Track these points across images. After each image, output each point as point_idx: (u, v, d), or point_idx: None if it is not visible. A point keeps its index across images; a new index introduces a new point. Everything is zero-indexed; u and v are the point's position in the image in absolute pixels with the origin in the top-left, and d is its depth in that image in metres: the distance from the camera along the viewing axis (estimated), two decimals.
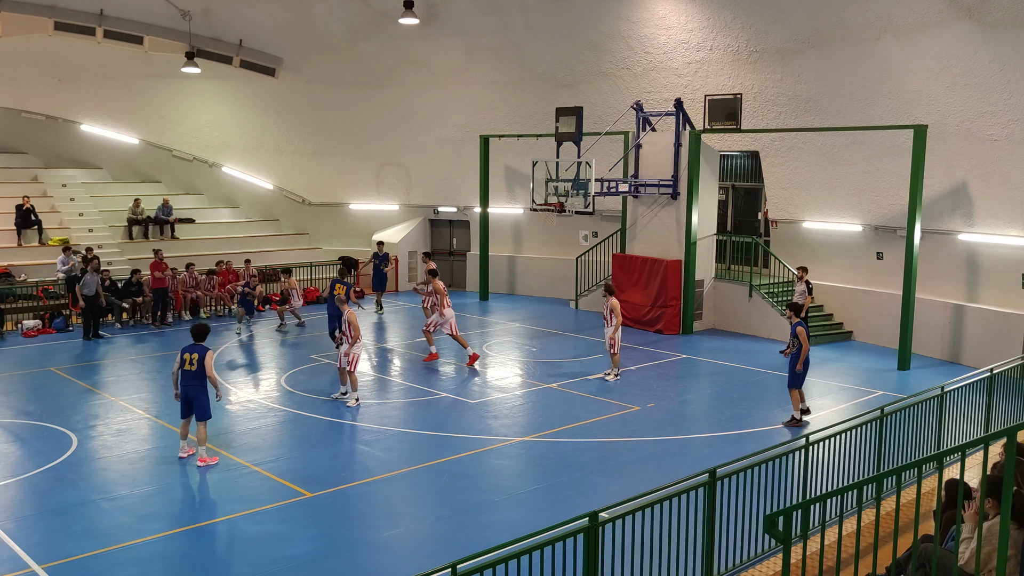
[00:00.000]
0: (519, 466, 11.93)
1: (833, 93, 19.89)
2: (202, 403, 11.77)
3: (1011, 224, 17.52)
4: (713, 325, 21.74)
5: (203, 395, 11.76)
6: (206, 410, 11.84)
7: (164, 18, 24.39)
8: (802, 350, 13.44)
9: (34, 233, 24.09)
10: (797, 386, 13.65)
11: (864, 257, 20.40)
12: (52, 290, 21.80)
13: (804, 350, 13.42)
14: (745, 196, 24.23)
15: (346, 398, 14.70)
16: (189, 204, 28.72)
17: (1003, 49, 16.58)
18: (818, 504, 6.52)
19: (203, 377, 11.73)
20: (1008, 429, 4.98)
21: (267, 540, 9.41)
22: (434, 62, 25.66)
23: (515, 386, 16.19)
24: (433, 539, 9.66)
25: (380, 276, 24.34)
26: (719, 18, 20.93)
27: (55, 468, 11.53)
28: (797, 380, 13.62)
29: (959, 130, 17.82)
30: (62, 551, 9.06)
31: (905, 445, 10.08)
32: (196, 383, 11.71)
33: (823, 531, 6.45)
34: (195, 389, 11.72)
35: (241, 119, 28.47)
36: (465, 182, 26.86)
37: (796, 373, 13.56)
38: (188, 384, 11.72)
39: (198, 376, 11.70)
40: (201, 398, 11.75)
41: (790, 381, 13.69)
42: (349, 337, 14.50)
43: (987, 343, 17.35)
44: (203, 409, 11.80)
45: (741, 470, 7.91)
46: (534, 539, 6.11)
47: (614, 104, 23.22)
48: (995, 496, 5.46)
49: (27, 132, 27.85)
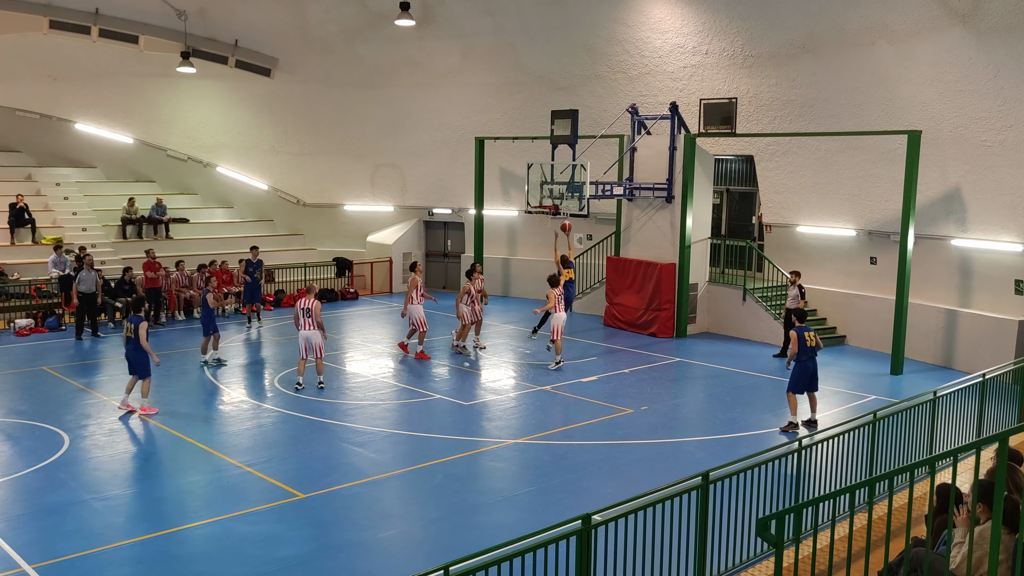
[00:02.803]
0: (512, 468, 11.92)
1: (828, 98, 19.94)
2: (140, 364, 13.86)
3: (1004, 230, 17.59)
4: (707, 329, 21.76)
5: (141, 357, 13.83)
6: (145, 370, 13.89)
7: (160, 18, 24.36)
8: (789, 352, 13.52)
9: (27, 232, 24.02)
10: (793, 390, 13.66)
11: (858, 262, 20.45)
12: (45, 289, 21.73)
13: (791, 352, 13.46)
14: (739, 200, 24.28)
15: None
16: (183, 204, 28.68)
17: (997, 55, 16.65)
18: (810, 508, 6.54)
19: (139, 343, 13.70)
20: (1000, 434, 5.00)
21: (259, 541, 9.39)
22: (430, 64, 25.66)
23: (509, 388, 16.19)
24: (426, 541, 9.65)
25: (253, 287, 22.11)
26: (715, 22, 20.97)
27: (46, 468, 11.49)
28: (791, 384, 13.64)
29: (953, 136, 17.89)
30: (53, 551, 9.03)
31: (897, 449, 10.11)
32: (133, 347, 13.81)
33: (815, 535, 6.47)
34: (133, 353, 13.84)
35: (236, 119, 28.43)
36: (460, 184, 26.87)
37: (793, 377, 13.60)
38: (129, 349, 13.91)
39: (134, 342, 13.76)
40: (139, 360, 13.85)
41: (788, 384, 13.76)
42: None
43: (980, 348, 17.40)
44: (142, 369, 13.89)
45: (734, 473, 7.92)
46: (527, 541, 6.12)
47: (609, 107, 23.25)
48: (986, 501, 5.48)
49: (21, 130, 27.77)
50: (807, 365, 13.47)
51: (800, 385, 13.57)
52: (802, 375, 13.51)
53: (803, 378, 13.52)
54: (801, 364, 13.46)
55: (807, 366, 13.47)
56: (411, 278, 18.43)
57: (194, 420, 13.81)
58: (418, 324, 18.19)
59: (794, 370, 13.55)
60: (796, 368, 13.52)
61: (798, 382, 13.55)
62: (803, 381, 13.54)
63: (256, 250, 22.77)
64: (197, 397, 15.27)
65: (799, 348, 13.35)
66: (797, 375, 13.53)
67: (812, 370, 13.53)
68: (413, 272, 18.61)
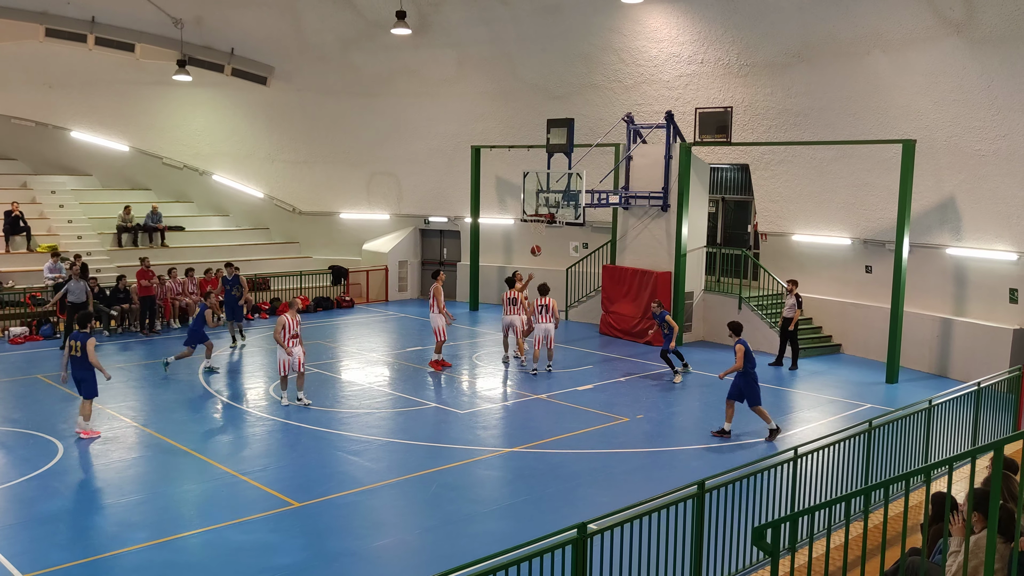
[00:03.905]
0: (508, 477, 11.90)
1: (823, 107, 20.01)
2: (88, 384, 13.01)
3: (998, 239, 17.64)
4: (703, 337, 21.78)
5: (89, 377, 12.98)
6: (92, 389, 13.06)
7: (156, 26, 24.37)
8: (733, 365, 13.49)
9: (23, 240, 23.98)
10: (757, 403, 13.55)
11: (853, 270, 20.49)
12: (40, 297, 21.68)
13: (736, 365, 13.42)
14: (735, 209, 24.33)
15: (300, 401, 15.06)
16: (179, 212, 28.64)
17: (991, 65, 16.72)
18: (806, 517, 6.53)
19: (87, 361, 12.89)
20: (995, 443, 5.01)
21: (254, 550, 9.36)
22: (425, 72, 25.70)
23: (504, 397, 16.18)
24: (421, 550, 9.62)
25: (231, 303, 20.40)
26: (710, 32, 21.04)
27: (40, 476, 11.44)
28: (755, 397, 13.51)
29: (947, 145, 17.95)
30: (46, 560, 8.98)
31: (893, 458, 10.11)
32: (82, 366, 12.95)
33: (811, 544, 6.47)
34: (81, 372, 12.98)
35: (232, 127, 28.44)
36: (456, 192, 26.89)
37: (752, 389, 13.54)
38: (76, 368, 13.02)
39: (83, 360, 12.92)
40: (88, 379, 12.98)
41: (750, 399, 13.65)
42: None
43: (974, 357, 17.43)
44: (89, 388, 13.04)
45: (730, 482, 7.91)
46: (522, 550, 6.10)
47: (605, 116, 23.30)
48: (982, 510, 5.48)
49: (16, 138, 27.74)
50: (755, 375, 13.54)
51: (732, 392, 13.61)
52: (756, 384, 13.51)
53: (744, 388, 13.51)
54: (753, 375, 13.47)
55: (755, 375, 13.54)
56: (433, 286, 18.09)
57: (189, 429, 13.77)
58: (437, 333, 17.91)
59: (751, 381, 13.46)
60: (750, 379, 13.45)
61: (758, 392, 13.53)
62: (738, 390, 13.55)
63: (232, 267, 21.11)
64: (192, 406, 15.23)
65: (748, 360, 13.35)
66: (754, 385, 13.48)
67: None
68: (435, 280, 18.27)
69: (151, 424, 13.86)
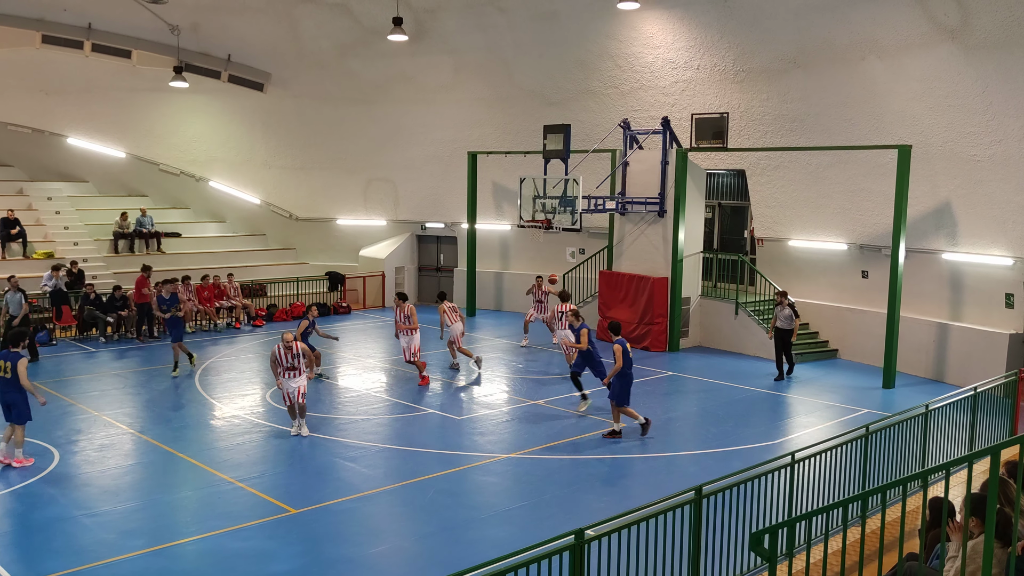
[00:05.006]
0: (505, 483, 11.89)
1: (818, 113, 20.06)
2: (19, 408, 11.73)
3: (994, 244, 17.68)
4: (699, 342, 21.78)
5: (20, 400, 11.71)
6: (23, 414, 11.79)
7: (152, 32, 24.38)
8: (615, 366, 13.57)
9: (19, 246, 23.93)
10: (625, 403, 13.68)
11: (849, 276, 20.52)
12: (36, 304, 21.63)
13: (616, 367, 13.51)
14: (731, 214, 24.35)
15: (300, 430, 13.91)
16: (176, 218, 28.64)
17: (986, 71, 16.78)
18: (804, 522, 6.53)
19: (18, 383, 11.66)
20: (992, 448, 5.01)
21: (251, 557, 9.33)
22: (422, 79, 25.73)
23: (501, 402, 16.16)
24: (418, 556, 9.60)
25: (170, 324, 17.94)
26: (706, 38, 21.10)
27: (36, 483, 11.40)
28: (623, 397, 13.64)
29: (942, 150, 18.00)
30: (42, 568, 8.95)
31: (890, 463, 10.12)
32: (12, 389, 11.67)
33: (809, 549, 6.46)
34: (12, 395, 11.68)
35: (229, 134, 28.44)
36: (452, 198, 26.90)
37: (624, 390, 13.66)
38: (4, 391, 11.71)
39: (13, 383, 11.66)
40: (18, 403, 11.71)
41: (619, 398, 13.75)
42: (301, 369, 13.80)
43: (971, 362, 17.45)
44: (20, 413, 11.76)
45: (727, 488, 7.91)
46: (520, 556, 6.09)
47: (601, 122, 23.33)
48: (979, 515, 5.48)
49: (12, 145, 27.70)
50: (631, 375, 13.71)
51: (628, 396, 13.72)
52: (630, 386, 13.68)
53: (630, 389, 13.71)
54: (628, 376, 13.61)
55: (631, 376, 13.70)
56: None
57: (185, 435, 13.74)
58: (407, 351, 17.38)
59: (623, 383, 13.59)
60: (625, 380, 13.59)
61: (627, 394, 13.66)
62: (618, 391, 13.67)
63: (173, 284, 19.34)
64: (188, 412, 15.19)
65: (625, 361, 13.47)
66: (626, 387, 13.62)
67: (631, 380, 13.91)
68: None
69: (147, 431, 13.82)
